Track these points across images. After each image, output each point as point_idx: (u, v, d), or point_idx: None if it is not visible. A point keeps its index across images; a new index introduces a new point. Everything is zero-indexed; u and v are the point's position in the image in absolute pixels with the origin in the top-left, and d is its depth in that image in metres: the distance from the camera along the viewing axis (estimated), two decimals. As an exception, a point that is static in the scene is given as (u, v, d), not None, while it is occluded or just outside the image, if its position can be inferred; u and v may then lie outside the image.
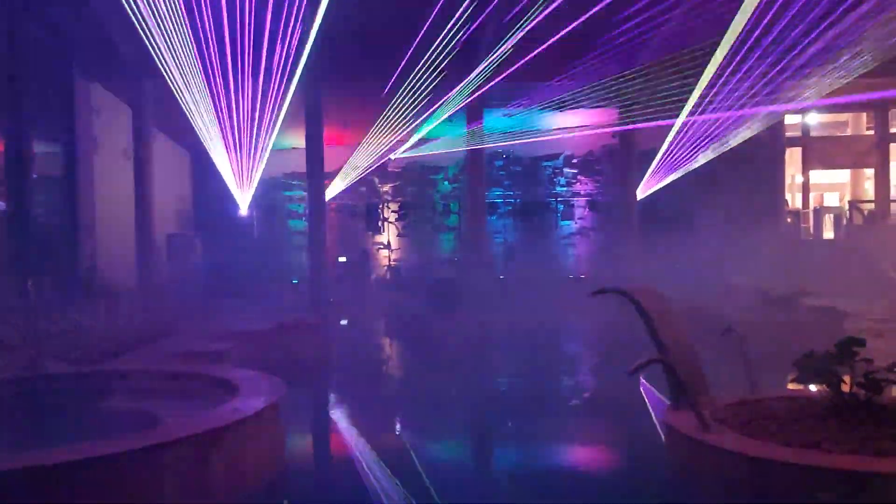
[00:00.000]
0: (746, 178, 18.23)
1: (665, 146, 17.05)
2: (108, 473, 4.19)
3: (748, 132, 16.84)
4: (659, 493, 5.25)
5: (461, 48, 14.19)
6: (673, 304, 5.83)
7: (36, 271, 13.20)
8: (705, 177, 17.48)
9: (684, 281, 12.01)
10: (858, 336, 5.02)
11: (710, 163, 17.24)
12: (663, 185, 17.79)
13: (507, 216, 21.96)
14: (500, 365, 11.45)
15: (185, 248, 19.23)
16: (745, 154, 17.46)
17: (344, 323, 15.94)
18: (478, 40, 14.74)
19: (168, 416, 5.24)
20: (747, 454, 4.28)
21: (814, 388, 5.30)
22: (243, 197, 17.60)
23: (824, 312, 10.49)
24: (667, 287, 6.16)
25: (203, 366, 7.26)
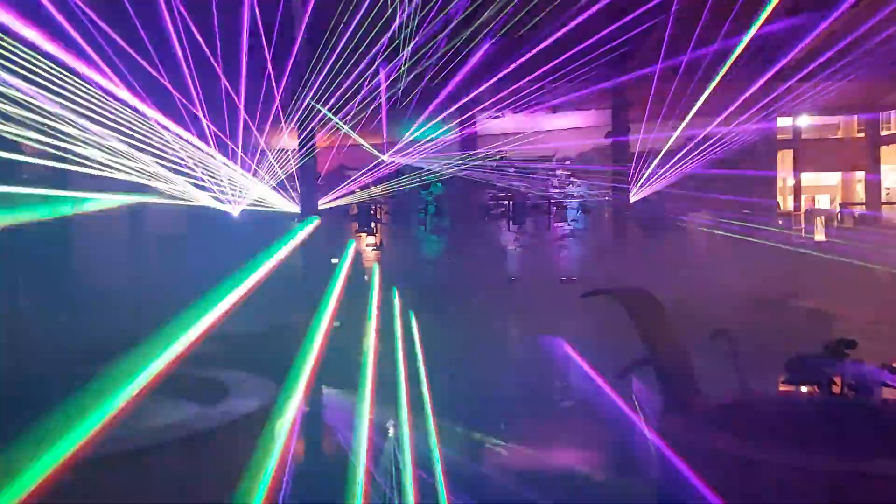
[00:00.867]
0: (739, 180, 18.29)
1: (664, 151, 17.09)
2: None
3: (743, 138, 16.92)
4: (652, 494, 5.24)
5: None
6: (665, 305, 5.81)
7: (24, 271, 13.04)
8: (699, 179, 17.52)
9: (675, 282, 11.98)
10: (849, 338, 5.02)
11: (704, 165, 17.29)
12: (658, 187, 17.82)
13: (499, 217, 21.92)
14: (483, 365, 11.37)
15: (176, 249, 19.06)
16: (737, 157, 17.51)
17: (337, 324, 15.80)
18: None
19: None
20: (739, 455, 4.27)
21: (804, 389, 5.30)
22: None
23: (815, 314, 10.51)
24: (657, 289, 6.14)
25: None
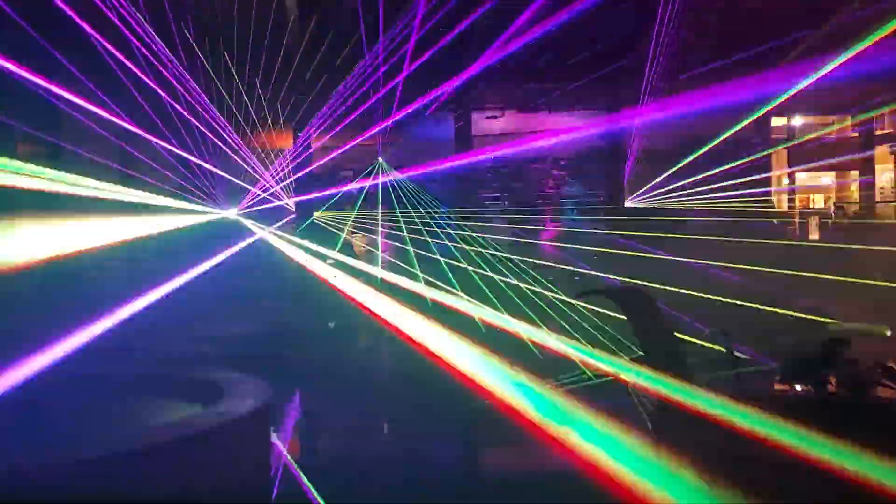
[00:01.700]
0: (733, 179, 18.34)
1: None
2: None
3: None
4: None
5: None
6: (660, 303, 5.82)
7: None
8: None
9: (670, 281, 12.00)
10: (843, 336, 5.03)
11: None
12: (655, 187, 17.86)
13: (495, 217, 21.92)
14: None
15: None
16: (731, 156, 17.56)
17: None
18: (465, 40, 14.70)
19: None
20: (733, 453, 4.28)
21: (799, 388, 5.31)
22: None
23: (809, 313, 10.51)
24: (656, 289, 6.17)
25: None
